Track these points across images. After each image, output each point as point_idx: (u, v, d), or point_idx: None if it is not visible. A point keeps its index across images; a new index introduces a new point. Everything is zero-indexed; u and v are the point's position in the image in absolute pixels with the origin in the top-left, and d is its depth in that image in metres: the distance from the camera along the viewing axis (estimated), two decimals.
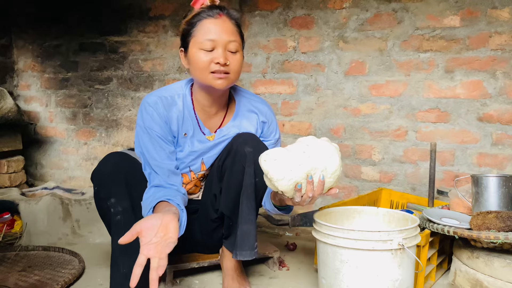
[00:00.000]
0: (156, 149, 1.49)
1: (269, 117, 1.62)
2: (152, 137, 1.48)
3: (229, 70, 1.40)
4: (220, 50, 1.39)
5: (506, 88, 2.09)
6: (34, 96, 3.25)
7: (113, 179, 1.43)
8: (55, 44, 3.12)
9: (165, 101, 1.50)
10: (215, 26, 1.40)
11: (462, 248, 1.55)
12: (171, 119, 1.50)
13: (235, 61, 1.42)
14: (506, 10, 2.06)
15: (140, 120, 1.50)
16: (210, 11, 1.41)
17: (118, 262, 1.41)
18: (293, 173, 1.23)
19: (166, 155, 1.50)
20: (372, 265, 1.29)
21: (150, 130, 1.48)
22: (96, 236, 2.21)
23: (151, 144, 1.49)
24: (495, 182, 1.58)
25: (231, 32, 1.41)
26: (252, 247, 1.50)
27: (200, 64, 1.40)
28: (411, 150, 2.30)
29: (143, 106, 1.51)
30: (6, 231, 2.13)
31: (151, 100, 1.49)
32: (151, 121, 1.48)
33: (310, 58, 2.45)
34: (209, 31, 1.39)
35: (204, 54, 1.39)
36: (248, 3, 2.55)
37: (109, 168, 1.45)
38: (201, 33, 1.40)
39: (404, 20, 2.24)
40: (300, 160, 1.24)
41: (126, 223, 1.42)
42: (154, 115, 1.48)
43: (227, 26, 1.41)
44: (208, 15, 1.41)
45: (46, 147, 3.24)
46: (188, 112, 1.53)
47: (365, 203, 1.98)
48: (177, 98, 1.52)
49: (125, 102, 2.96)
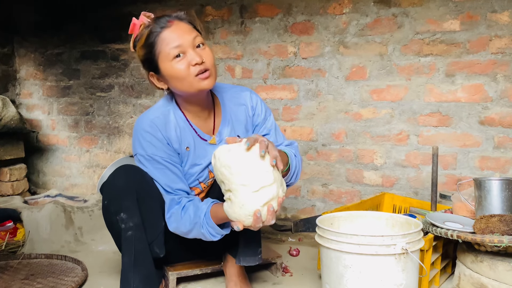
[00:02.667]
0: (166, 174, 1.45)
1: (254, 100, 1.59)
2: (159, 162, 1.45)
3: (208, 66, 1.38)
4: (191, 52, 1.36)
5: (507, 91, 2.09)
6: (36, 104, 3.26)
7: (124, 194, 1.40)
8: (57, 52, 3.13)
9: (159, 122, 1.45)
10: (174, 32, 1.37)
11: (466, 252, 1.54)
12: (171, 138, 1.47)
13: (207, 55, 1.39)
14: (505, 13, 2.06)
15: (140, 148, 1.45)
16: (160, 23, 1.38)
17: (128, 277, 1.41)
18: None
19: (177, 178, 1.47)
20: (375, 269, 1.29)
21: (155, 156, 1.44)
22: (99, 244, 2.20)
23: (159, 171, 1.45)
24: (498, 185, 1.57)
25: (190, 31, 1.39)
26: (256, 252, 1.49)
27: (180, 74, 1.37)
28: (413, 154, 2.29)
29: (139, 134, 1.45)
30: (9, 239, 2.13)
31: (146, 125, 1.44)
32: (152, 147, 1.44)
33: (310, 63, 2.46)
34: (171, 39, 1.36)
35: (178, 63, 1.36)
36: (249, 10, 2.57)
37: (121, 182, 1.42)
38: (165, 45, 1.36)
39: (404, 25, 2.25)
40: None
41: (136, 239, 1.41)
42: (154, 141, 1.44)
43: (183, 27, 1.39)
44: (161, 27, 1.37)
45: (48, 155, 3.24)
46: (184, 122, 1.50)
47: (368, 207, 1.97)
48: (167, 114, 1.48)
49: (127, 109, 2.97)
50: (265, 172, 1.21)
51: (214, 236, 1.37)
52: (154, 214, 1.48)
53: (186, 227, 1.40)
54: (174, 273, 1.65)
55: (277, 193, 1.23)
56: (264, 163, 1.22)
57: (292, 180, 1.47)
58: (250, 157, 1.22)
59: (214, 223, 1.34)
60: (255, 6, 2.55)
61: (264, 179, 1.20)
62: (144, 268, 1.43)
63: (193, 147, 1.51)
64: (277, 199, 1.22)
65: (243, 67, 2.61)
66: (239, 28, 2.60)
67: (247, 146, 1.21)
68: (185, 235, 1.45)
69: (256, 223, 1.22)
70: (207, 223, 1.35)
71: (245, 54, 2.60)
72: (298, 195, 2.56)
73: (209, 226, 1.35)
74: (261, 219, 1.21)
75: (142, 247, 1.43)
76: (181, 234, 1.45)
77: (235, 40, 2.61)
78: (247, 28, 2.58)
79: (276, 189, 1.22)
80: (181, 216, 1.41)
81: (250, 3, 2.56)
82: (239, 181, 1.20)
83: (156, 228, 1.49)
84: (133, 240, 1.41)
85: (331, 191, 2.48)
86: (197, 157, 1.52)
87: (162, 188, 1.47)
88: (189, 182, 1.53)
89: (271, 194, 1.21)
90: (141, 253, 1.43)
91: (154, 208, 1.48)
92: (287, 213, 2.59)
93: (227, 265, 1.62)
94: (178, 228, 1.44)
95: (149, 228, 1.46)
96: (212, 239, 1.38)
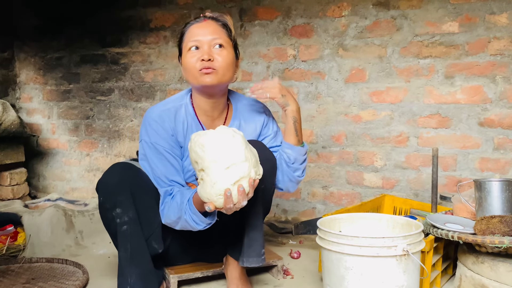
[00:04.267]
0: (165, 164, 1.49)
1: (266, 120, 1.67)
2: (160, 152, 1.49)
3: (216, 66, 1.44)
4: (204, 48, 1.45)
5: (506, 92, 2.10)
6: (36, 108, 3.26)
7: (118, 190, 1.43)
8: (57, 57, 3.14)
9: (168, 113, 1.51)
10: (200, 28, 1.47)
11: (467, 253, 1.54)
12: (177, 130, 1.52)
13: (221, 56, 1.45)
14: (504, 15, 2.07)
15: (145, 135, 1.51)
16: (196, 19, 1.51)
17: (125, 272, 1.41)
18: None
19: (175, 171, 1.50)
20: (377, 271, 1.29)
21: (157, 145, 1.48)
22: (100, 247, 2.20)
23: (159, 160, 1.49)
24: (498, 186, 1.57)
25: (215, 31, 1.47)
26: (259, 253, 1.50)
27: (188, 65, 1.46)
28: (413, 156, 2.30)
29: (147, 121, 1.51)
30: (10, 243, 2.12)
31: (155, 115, 1.51)
32: (157, 136, 1.49)
33: (310, 66, 2.47)
34: (194, 34, 1.47)
35: (191, 55, 1.46)
36: (248, 13, 2.58)
37: (114, 178, 1.45)
38: (188, 37, 1.48)
39: (403, 27, 2.26)
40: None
41: (132, 233, 1.43)
42: (160, 130, 1.49)
43: (212, 27, 1.48)
44: (195, 21, 1.50)
45: (49, 159, 3.25)
46: (192, 119, 1.55)
47: (368, 209, 1.98)
48: (179, 108, 1.54)
49: (127, 112, 2.98)
50: (236, 149, 1.25)
51: (198, 224, 1.38)
52: (150, 209, 1.50)
53: (175, 215, 1.42)
54: (176, 276, 1.64)
55: (249, 172, 1.25)
56: (237, 141, 1.26)
57: (302, 166, 1.56)
58: (223, 136, 1.27)
59: (196, 209, 1.36)
60: (255, 9, 2.56)
61: (234, 156, 1.24)
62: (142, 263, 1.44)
63: None
64: (248, 178, 1.25)
65: (242, 70, 2.61)
66: (238, 31, 2.60)
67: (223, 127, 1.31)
68: (175, 225, 1.46)
69: (226, 204, 1.24)
70: (190, 209, 1.37)
71: (244, 57, 2.60)
72: (299, 198, 2.56)
73: (192, 212, 1.37)
74: (232, 199, 1.24)
75: (138, 241, 1.44)
76: (172, 224, 1.47)
77: None
78: (247, 31, 2.59)
79: (248, 168, 1.25)
80: (170, 203, 1.44)
81: (249, 6, 2.57)
82: (210, 158, 1.24)
83: (152, 222, 1.51)
84: (128, 234, 1.42)
85: (332, 193, 2.48)
86: None
87: (158, 180, 1.49)
88: (187, 177, 1.56)
89: (242, 172, 1.24)
90: (138, 248, 1.44)
91: (149, 203, 1.50)
92: (288, 215, 2.59)
93: (229, 268, 1.62)
94: (169, 217, 1.45)
95: (145, 222, 1.47)
96: (196, 227, 1.39)
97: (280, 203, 2.61)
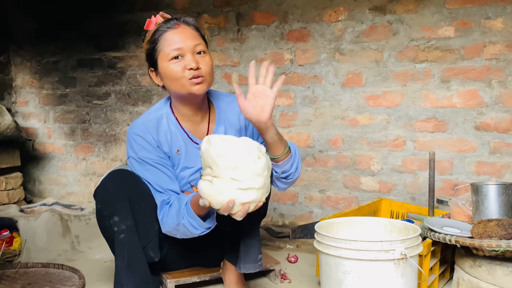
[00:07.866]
0: (158, 175, 1.48)
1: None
2: (150, 164, 1.48)
3: (203, 73, 1.42)
4: (189, 56, 1.42)
5: (502, 96, 2.11)
6: (32, 113, 3.25)
7: (117, 198, 1.42)
8: (53, 61, 3.13)
9: (150, 125, 1.49)
10: (177, 35, 1.43)
11: (464, 257, 1.55)
12: (161, 141, 1.50)
13: (205, 63, 1.43)
14: (499, 20, 2.09)
15: (131, 151, 1.49)
16: (167, 24, 1.46)
17: (122, 280, 1.40)
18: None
19: (169, 179, 1.49)
20: (374, 275, 1.29)
21: (146, 159, 1.47)
22: (96, 252, 2.19)
23: (150, 173, 1.48)
24: (495, 190, 1.58)
25: (194, 37, 1.45)
26: (256, 259, 1.49)
27: (174, 75, 1.42)
28: (409, 159, 2.31)
29: (130, 137, 1.49)
30: (5, 248, 2.11)
31: (137, 129, 1.49)
32: (143, 150, 1.47)
33: (307, 70, 2.47)
34: (173, 41, 1.43)
35: (175, 64, 1.42)
36: (245, 18, 2.58)
37: (113, 186, 1.44)
38: (166, 45, 1.43)
39: (399, 32, 2.27)
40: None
41: (129, 242, 1.41)
42: (144, 144, 1.48)
43: (188, 32, 1.45)
44: (167, 27, 1.45)
45: (45, 163, 3.23)
46: (175, 127, 1.53)
47: (366, 213, 1.98)
48: (160, 119, 1.52)
49: (124, 117, 2.97)
50: (258, 175, 1.24)
51: (197, 229, 1.37)
52: (148, 217, 1.49)
53: (174, 221, 1.40)
54: (173, 280, 1.64)
55: (260, 198, 1.26)
56: (261, 166, 1.24)
57: (292, 170, 1.46)
58: (248, 155, 1.23)
59: (194, 213, 1.35)
60: (251, 14, 2.57)
61: (255, 181, 1.23)
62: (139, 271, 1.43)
63: (184, 151, 1.53)
64: (258, 203, 1.26)
65: (239, 74, 2.62)
66: (235, 35, 2.61)
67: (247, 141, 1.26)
68: (175, 233, 1.44)
69: (224, 211, 1.24)
70: (188, 213, 1.35)
71: (241, 61, 2.61)
72: (296, 202, 2.56)
73: (190, 217, 1.35)
74: (231, 210, 1.23)
75: (136, 250, 1.43)
76: (172, 232, 1.45)
77: (231, 48, 2.63)
78: (244, 36, 2.59)
79: (262, 195, 1.26)
80: (169, 211, 1.43)
81: (246, 11, 2.58)
82: (231, 174, 1.22)
83: (149, 231, 1.50)
84: (126, 242, 1.41)
85: (329, 197, 2.48)
86: (188, 160, 1.54)
87: (154, 189, 1.48)
88: (181, 185, 1.55)
89: (254, 196, 1.24)
90: (135, 256, 1.42)
91: (147, 212, 1.49)
92: (285, 219, 2.59)
93: (226, 272, 1.62)
94: (168, 225, 1.44)
95: (143, 231, 1.46)
96: (195, 232, 1.38)
97: (277, 207, 2.61)
